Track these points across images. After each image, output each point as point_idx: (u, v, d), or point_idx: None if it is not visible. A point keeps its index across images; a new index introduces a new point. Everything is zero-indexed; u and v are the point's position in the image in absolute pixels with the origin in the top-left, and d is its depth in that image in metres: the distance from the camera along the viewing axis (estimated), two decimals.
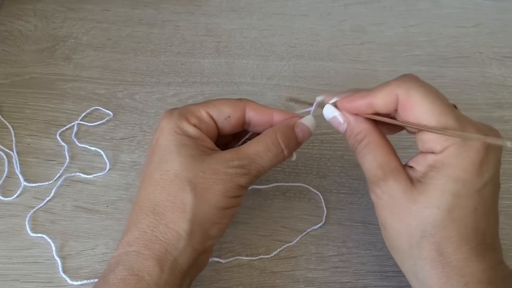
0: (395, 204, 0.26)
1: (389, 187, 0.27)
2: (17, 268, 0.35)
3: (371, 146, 0.28)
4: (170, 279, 0.27)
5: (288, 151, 0.30)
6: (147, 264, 0.27)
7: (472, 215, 0.25)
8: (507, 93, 0.47)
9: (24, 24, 0.51)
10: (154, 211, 0.28)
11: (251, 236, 0.37)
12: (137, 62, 0.48)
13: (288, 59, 0.49)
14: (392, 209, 0.27)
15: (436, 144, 0.25)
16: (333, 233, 0.38)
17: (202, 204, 0.28)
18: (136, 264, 0.27)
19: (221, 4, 0.54)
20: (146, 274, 0.27)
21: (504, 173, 0.41)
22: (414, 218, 0.26)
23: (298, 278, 0.35)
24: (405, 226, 0.26)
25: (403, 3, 0.55)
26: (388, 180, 0.27)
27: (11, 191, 0.39)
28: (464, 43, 0.51)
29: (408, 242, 0.26)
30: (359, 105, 0.28)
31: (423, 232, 0.26)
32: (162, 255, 0.27)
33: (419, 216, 0.25)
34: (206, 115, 0.31)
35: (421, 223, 0.25)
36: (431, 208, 0.25)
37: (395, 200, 0.26)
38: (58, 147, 0.42)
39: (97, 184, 0.40)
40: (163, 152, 0.29)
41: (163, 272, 0.27)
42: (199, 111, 0.31)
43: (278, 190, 0.40)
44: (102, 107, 0.44)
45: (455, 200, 0.25)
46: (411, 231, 0.26)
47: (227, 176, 0.28)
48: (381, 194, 0.27)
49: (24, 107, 0.44)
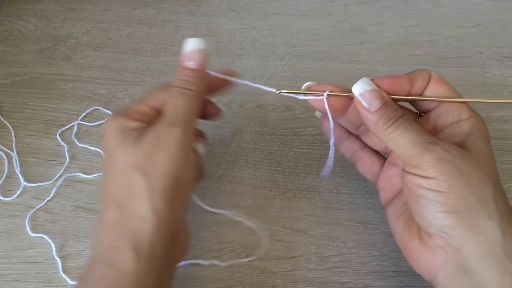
0: (461, 162, 0.26)
1: (452, 145, 0.27)
2: (17, 268, 0.35)
3: (411, 121, 0.28)
4: (148, 265, 0.27)
5: (191, 82, 0.30)
6: (123, 254, 0.27)
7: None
8: (507, 93, 0.47)
9: (24, 24, 0.51)
10: (116, 205, 0.28)
11: (251, 236, 0.37)
12: (137, 62, 0.48)
13: (288, 59, 0.49)
14: (459, 167, 0.26)
15: (464, 112, 0.29)
16: (333, 233, 0.38)
17: (154, 180, 0.28)
18: (112, 257, 0.27)
19: (221, 4, 0.54)
20: (123, 264, 0.27)
21: (504, 173, 0.41)
22: (484, 172, 0.26)
23: (298, 278, 0.35)
24: (477, 182, 0.26)
25: (403, 3, 0.55)
26: (443, 141, 0.27)
27: (11, 191, 0.39)
28: (464, 43, 0.51)
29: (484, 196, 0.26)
30: (401, 86, 0.30)
31: (494, 185, 0.27)
32: (136, 242, 0.27)
33: (487, 172, 0.27)
34: (147, 108, 0.31)
35: (491, 177, 0.27)
36: (490, 164, 0.27)
37: (460, 157, 0.26)
38: (58, 147, 0.42)
39: (97, 184, 0.40)
40: (110, 153, 0.30)
41: (140, 259, 0.27)
42: (139, 107, 0.31)
43: (278, 190, 0.40)
44: (102, 107, 0.44)
45: (494, 159, 0.28)
46: (484, 186, 0.26)
47: (162, 139, 0.28)
48: (444, 153, 0.26)
49: (24, 107, 0.44)
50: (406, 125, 0.28)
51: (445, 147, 0.26)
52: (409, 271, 0.34)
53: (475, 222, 0.26)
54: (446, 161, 0.26)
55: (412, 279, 0.35)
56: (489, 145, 0.28)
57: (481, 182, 0.26)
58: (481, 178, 0.26)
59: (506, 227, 0.26)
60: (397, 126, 0.28)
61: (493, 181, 0.27)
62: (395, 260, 0.36)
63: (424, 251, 0.28)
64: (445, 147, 0.26)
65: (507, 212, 0.26)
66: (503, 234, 0.25)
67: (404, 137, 0.27)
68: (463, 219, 0.26)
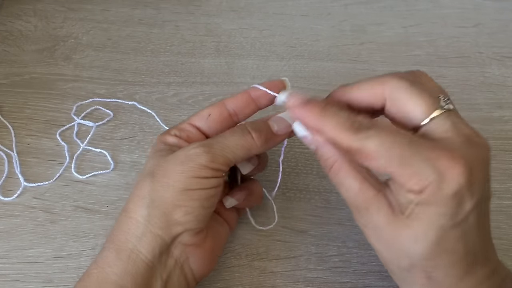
0: (381, 234, 0.25)
1: (372, 217, 0.25)
2: (17, 268, 0.35)
3: (342, 174, 0.26)
4: (130, 267, 0.27)
5: (257, 135, 0.29)
6: (107, 254, 0.28)
7: (462, 241, 0.24)
8: (507, 93, 0.47)
9: (24, 24, 0.51)
10: (124, 208, 0.29)
11: (251, 236, 0.37)
12: (137, 62, 0.48)
13: (288, 59, 0.49)
14: (379, 238, 0.26)
15: (414, 185, 0.23)
16: (333, 233, 0.38)
17: (160, 188, 0.28)
18: (100, 257, 0.28)
19: (221, 4, 0.54)
20: (106, 265, 0.28)
21: (504, 173, 0.41)
22: (401, 250, 0.25)
23: (298, 278, 0.35)
24: (394, 254, 0.25)
25: (403, 3, 0.55)
26: (369, 210, 0.25)
27: (11, 191, 0.39)
28: (464, 43, 0.51)
29: (398, 268, 0.26)
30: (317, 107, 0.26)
31: (411, 264, 0.25)
32: (121, 244, 0.28)
33: (406, 250, 0.24)
34: (187, 125, 0.32)
35: (409, 256, 0.24)
36: (418, 242, 0.24)
37: (380, 230, 0.25)
38: (58, 147, 0.42)
39: (97, 184, 0.40)
40: (146, 160, 0.31)
41: (121, 260, 0.27)
42: (181, 124, 0.32)
43: (278, 190, 0.40)
44: (102, 107, 0.44)
45: (442, 233, 0.23)
46: (399, 260, 0.25)
47: (187, 158, 0.28)
48: (365, 223, 0.26)
49: (24, 107, 0.44)
50: (339, 177, 0.27)
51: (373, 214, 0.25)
52: None
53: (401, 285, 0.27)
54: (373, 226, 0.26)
55: None
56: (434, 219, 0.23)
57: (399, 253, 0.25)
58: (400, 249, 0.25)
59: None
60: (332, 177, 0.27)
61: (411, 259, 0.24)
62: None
63: None
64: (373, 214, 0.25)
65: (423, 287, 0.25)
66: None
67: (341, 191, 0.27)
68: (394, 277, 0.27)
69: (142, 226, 0.28)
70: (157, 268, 0.28)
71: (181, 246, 0.29)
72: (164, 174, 0.28)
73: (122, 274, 0.27)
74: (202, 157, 0.28)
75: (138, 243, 0.28)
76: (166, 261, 0.29)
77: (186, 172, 0.28)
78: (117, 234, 0.28)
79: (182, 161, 0.28)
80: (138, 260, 0.27)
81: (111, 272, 0.27)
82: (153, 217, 0.28)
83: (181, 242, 0.29)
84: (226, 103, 0.31)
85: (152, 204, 0.28)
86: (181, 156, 0.28)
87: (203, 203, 0.28)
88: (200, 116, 0.31)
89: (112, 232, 0.29)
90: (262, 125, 0.30)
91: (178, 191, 0.28)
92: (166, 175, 0.28)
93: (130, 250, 0.28)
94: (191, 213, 0.28)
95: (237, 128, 0.30)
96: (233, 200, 0.33)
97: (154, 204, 0.28)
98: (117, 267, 0.27)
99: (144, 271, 0.28)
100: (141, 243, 0.28)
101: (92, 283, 0.27)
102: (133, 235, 0.28)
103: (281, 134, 0.30)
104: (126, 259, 0.27)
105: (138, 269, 0.27)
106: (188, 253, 0.29)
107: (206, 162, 0.28)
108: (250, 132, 0.29)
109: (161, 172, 0.28)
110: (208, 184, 0.28)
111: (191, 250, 0.29)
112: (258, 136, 0.29)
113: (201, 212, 0.28)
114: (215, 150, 0.28)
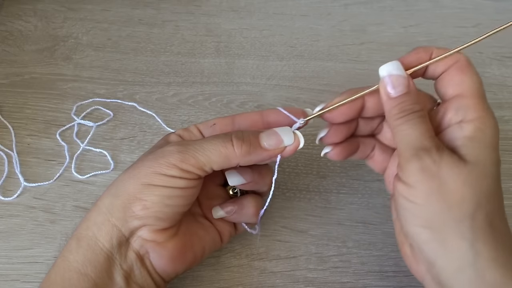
0: (447, 175, 0.25)
1: (444, 156, 0.25)
2: (17, 268, 0.35)
3: (424, 118, 0.26)
4: (89, 255, 0.27)
5: (238, 144, 0.28)
6: (70, 242, 0.28)
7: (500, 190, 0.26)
8: (507, 93, 0.47)
9: (24, 24, 0.51)
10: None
11: (251, 236, 0.37)
12: (137, 62, 0.48)
13: (288, 59, 0.49)
14: (442, 180, 0.25)
15: (471, 111, 0.26)
16: (333, 233, 0.38)
17: (126, 178, 0.29)
18: (64, 245, 0.29)
19: (221, 4, 0.54)
20: (67, 252, 0.28)
21: (504, 173, 0.41)
22: (470, 188, 0.24)
23: (298, 278, 0.35)
24: (457, 199, 0.25)
25: (403, 3, 0.55)
26: (442, 150, 0.25)
27: (11, 191, 0.39)
28: (464, 43, 0.51)
29: (461, 214, 0.25)
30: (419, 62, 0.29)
31: (477, 204, 0.24)
32: (82, 231, 0.28)
33: (474, 188, 0.24)
34: (193, 128, 0.32)
35: (476, 195, 0.24)
36: (485, 178, 0.25)
37: (448, 170, 0.25)
38: (58, 147, 0.42)
39: (97, 184, 0.40)
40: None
41: (80, 247, 0.28)
42: (189, 127, 0.32)
43: (278, 190, 0.40)
44: (102, 107, 0.44)
45: (498, 169, 0.25)
46: (463, 203, 0.24)
47: (160, 154, 0.28)
48: (431, 164, 0.25)
49: (24, 107, 0.44)
50: (414, 122, 0.26)
51: (435, 158, 0.25)
52: (409, 271, 0.34)
53: (447, 239, 0.25)
54: (430, 173, 0.25)
55: (412, 279, 0.35)
56: (493, 154, 0.25)
57: (462, 199, 0.24)
58: (464, 194, 0.24)
59: (481, 248, 0.24)
60: (406, 120, 0.26)
61: (478, 199, 0.24)
62: (395, 260, 0.36)
63: (412, 257, 0.28)
64: (435, 158, 0.25)
65: (486, 233, 0.24)
66: (475, 255, 0.24)
67: (407, 135, 0.26)
68: (436, 235, 0.25)
69: (103, 214, 0.28)
70: (116, 259, 0.28)
71: (141, 240, 0.29)
72: (136, 166, 0.29)
73: (83, 262, 0.27)
74: (174, 155, 0.28)
75: (98, 231, 0.28)
76: (126, 253, 0.28)
77: (153, 168, 0.28)
78: (81, 221, 0.29)
79: (155, 156, 0.28)
80: (97, 248, 0.28)
81: (73, 260, 0.27)
82: (113, 207, 0.28)
83: (141, 236, 0.29)
84: (235, 117, 0.32)
85: (116, 193, 0.28)
86: (158, 152, 0.29)
87: (165, 201, 0.28)
88: (206, 123, 0.32)
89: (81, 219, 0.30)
90: (248, 136, 0.29)
91: (140, 184, 0.28)
92: (137, 167, 0.29)
93: (90, 238, 0.28)
94: (149, 209, 0.28)
95: (222, 134, 0.29)
96: (222, 212, 0.32)
97: (117, 193, 0.28)
98: (78, 255, 0.28)
99: (103, 259, 0.28)
100: (100, 232, 0.28)
101: (57, 271, 0.28)
102: (94, 223, 0.28)
103: (268, 149, 0.29)
104: (86, 247, 0.28)
105: (97, 257, 0.28)
106: (148, 248, 0.29)
107: (176, 161, 0.28)
108: (231, 140, 0.28)
109: (135, 164, 0.29)
110: (173, 183, 0.28)
111: (151, 246, 0.29)
112: (238, 145, 0.28)
113: (162, 209, 0.28)
114: (188, 151, 0.28)
